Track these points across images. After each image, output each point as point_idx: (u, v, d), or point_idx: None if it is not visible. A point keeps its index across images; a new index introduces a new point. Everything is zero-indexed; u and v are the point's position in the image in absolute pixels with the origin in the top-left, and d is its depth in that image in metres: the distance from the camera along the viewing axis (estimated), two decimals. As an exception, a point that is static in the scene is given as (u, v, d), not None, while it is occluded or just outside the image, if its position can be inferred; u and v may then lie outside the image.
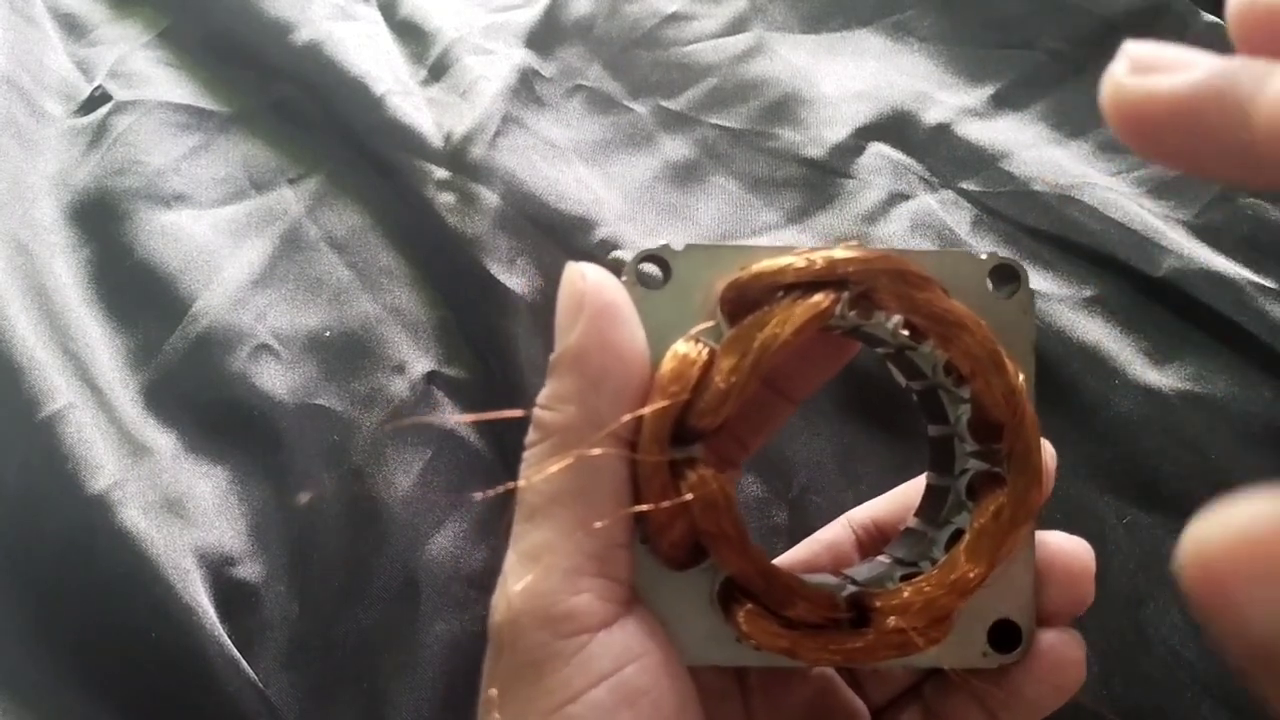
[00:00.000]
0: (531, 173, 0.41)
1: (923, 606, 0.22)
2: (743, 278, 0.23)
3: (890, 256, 0.23)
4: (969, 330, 0.22)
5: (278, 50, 0.44)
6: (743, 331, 0.22)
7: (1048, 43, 0.44)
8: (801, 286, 0.22)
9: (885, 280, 0.22)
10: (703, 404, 0.22)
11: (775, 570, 0.22)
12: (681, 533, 0.22)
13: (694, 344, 0.22)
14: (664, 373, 0.22)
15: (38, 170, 0.42)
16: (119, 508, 0.33)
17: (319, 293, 0.39)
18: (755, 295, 0.22)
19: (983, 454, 0.24)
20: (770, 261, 0.22)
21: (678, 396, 0.22)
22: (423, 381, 0.38)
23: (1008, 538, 0.23)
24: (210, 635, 0.32)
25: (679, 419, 0.22)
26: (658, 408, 0.21)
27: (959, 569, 0.22)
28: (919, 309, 0.22)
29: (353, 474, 0.36)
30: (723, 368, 0.22)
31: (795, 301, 0.22)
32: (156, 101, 0.43)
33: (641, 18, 0.46)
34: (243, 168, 0.42)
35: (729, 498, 0.22)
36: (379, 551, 0.35)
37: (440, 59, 0.44)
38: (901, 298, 0.22)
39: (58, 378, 0.35)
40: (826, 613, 0.22)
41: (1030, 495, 0.23)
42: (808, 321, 0.22)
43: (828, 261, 0.22)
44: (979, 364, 0.22)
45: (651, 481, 0.22)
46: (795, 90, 0.43)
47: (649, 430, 0.21)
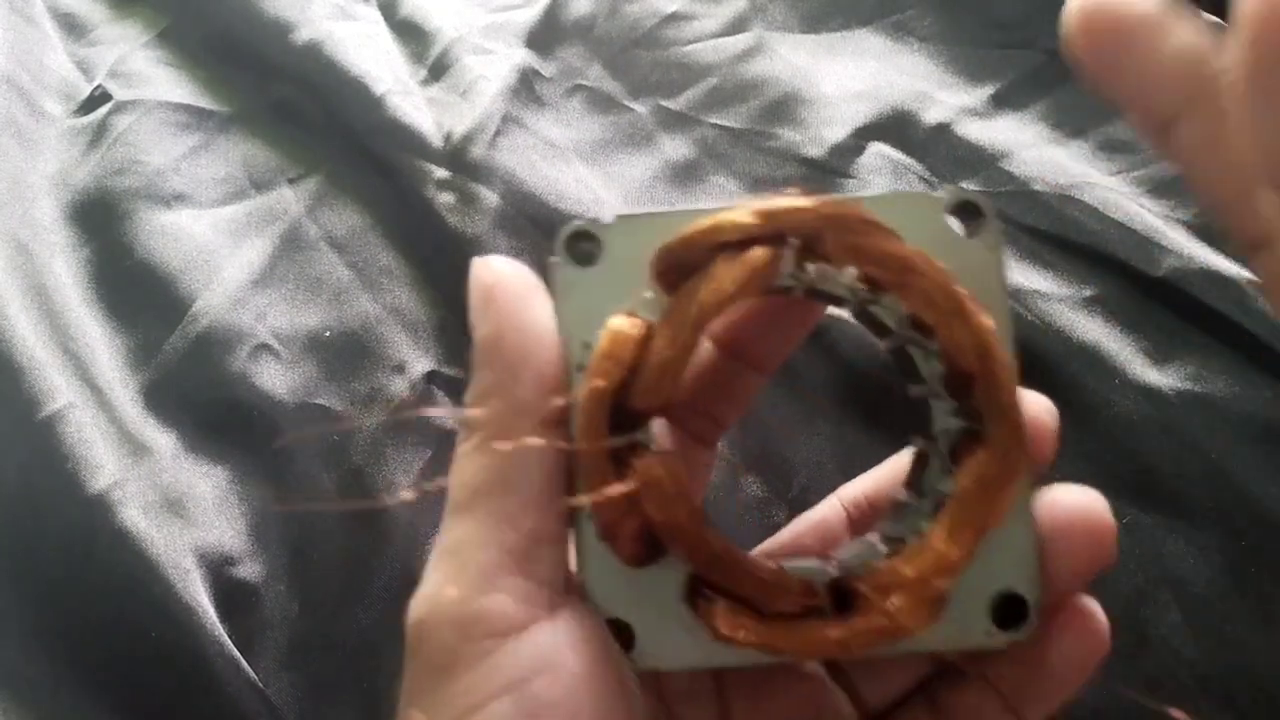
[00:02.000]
0: (531, 172, 0.41)
1: (907, 586, 0.20)
2: (673, 243, 0.21)
3: (831, 202, 0.21)
4: (923, 274, 0.20)
5: (278, 50, 0.44)
6: (680, 299, 0.20)
7: (1048, 43, 0.44)
8: (739, 245, 0.20)
9: (827, 229, 0.20)
10: (642, 382, 0.20)
11: (741, 558, 0.20)
12: (635, 526, 0.20)
13: (628, 319, 0.21)
14: (597, 352, 0.20)
15: (38, 170, 0.42)
16: (119, 507, 0.33)
17: (319, 292, 0.39)
18: (690, 260, 0.21)
19: (961, 411, 0.21)
20: (699, 222, 0.21)
21: (612, 376, 0.20)
22: (423, 381, 0.38)
23: (994, 501, 0.20)
24: (210, 635, 0.32)
25: (618, 402, 0.20)
26: (591, 389, 0.20)
27: (941, 543, 0.20)
28: (867, 257, 0.20)
29: (353, 474, 0.36)
30: (660, 340, 0.20)
31: (732, 259, 0.20)
32: (156, 101, 0.43)
33: (641, 17, 0.46)
34: (243, 167, 0.42)
35: (679, 482, 0.20)
36: (379, 551, 0.35)
37: (440, 59, 0.44)
38: (847, 247, 0.20)
39: (58, 377, 0.35)
40: (804, 601, 0.20)
41: (1013, 451, 0.20)
42: (746, 280, 0.20)
43: (763, 214, 0.20)
44: (939, 310, 0.20)
45: (592, 472, 0.20)
46: (795, 90, 0.43)
47: (584, 416, 0.20)
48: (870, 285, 0.21)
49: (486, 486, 0.20)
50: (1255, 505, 0.33)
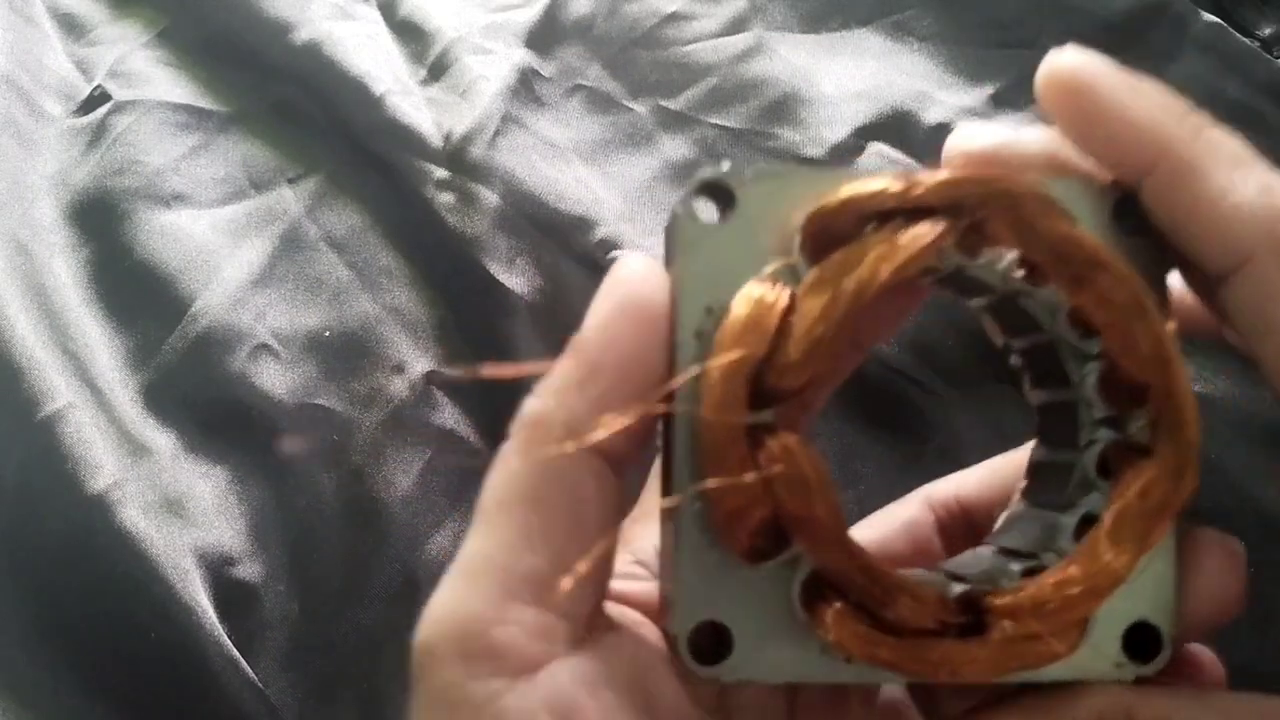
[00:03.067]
0: (531, 172, 0.41)
1: (1057, 607, 0.18)
2: (829, 204, 0.19)
3: (1009, 178, 0.19)
4: (1108, 270, 0.18)
5: (277, 50, 0.44)
6: (831, 270, 0.18)
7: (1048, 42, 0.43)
8: (900, 215, 0.18)
9: (1004, 206, 0.18)
10: (785, 357, 0.18)
11: (875, 563, 0.18)
12: (760, 517, 0.18)
13: (770, 285, 0.18)
14: (735, 319, 0.18)
15: (37, 170, 0.42)
16: (118, 507, 0.33)
17: (318, 292, 0.39)
18: (843, 228, 0.19)
19: (1116, 422, 0.20)
20: (862, 185, 0.18)
21: (754, 348, 0.18)
22: (422, 381, 0.38)
23: (1157, 521, 0.18)
24: (210, 635, 0.32)
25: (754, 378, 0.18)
26: (730, 359, 0.18)
27: (1100, 559, 0.18)
28: (1044, 243, 0.18)
29: (352, 474, 0.36)
30: (807, 313, 0.18)
31: (895, 233, 0.18)
32: (156, 101, 0.43)
33: (641, 17, 0.46)
34: (242, 167, 0.42)
35: (822, 473, 0.18)
36: (379, 551, 0.35)
37: (440, 59, 0.44)
38: (1022, 229, 0.18)
39: (57, 377, 0.35)
40: (937, 615, 0.18)
41: (1185, 470, 0.19)
42: (913, 257, 0.18)
43: (934, 183, 0.18)
44: (1119, 311, 0.18)
45: (724, 451, 0.18)
46: (795, 90, 0.43)
47: (720, 387, 0.18)
48: (1030, 275, 0.20)
49: (515, 498, 0.18)
50: (1255, 505, 0.33)
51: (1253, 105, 0.41)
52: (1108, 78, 0.19)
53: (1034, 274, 0.19)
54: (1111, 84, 0.19)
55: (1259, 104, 0.41)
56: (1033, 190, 0.19)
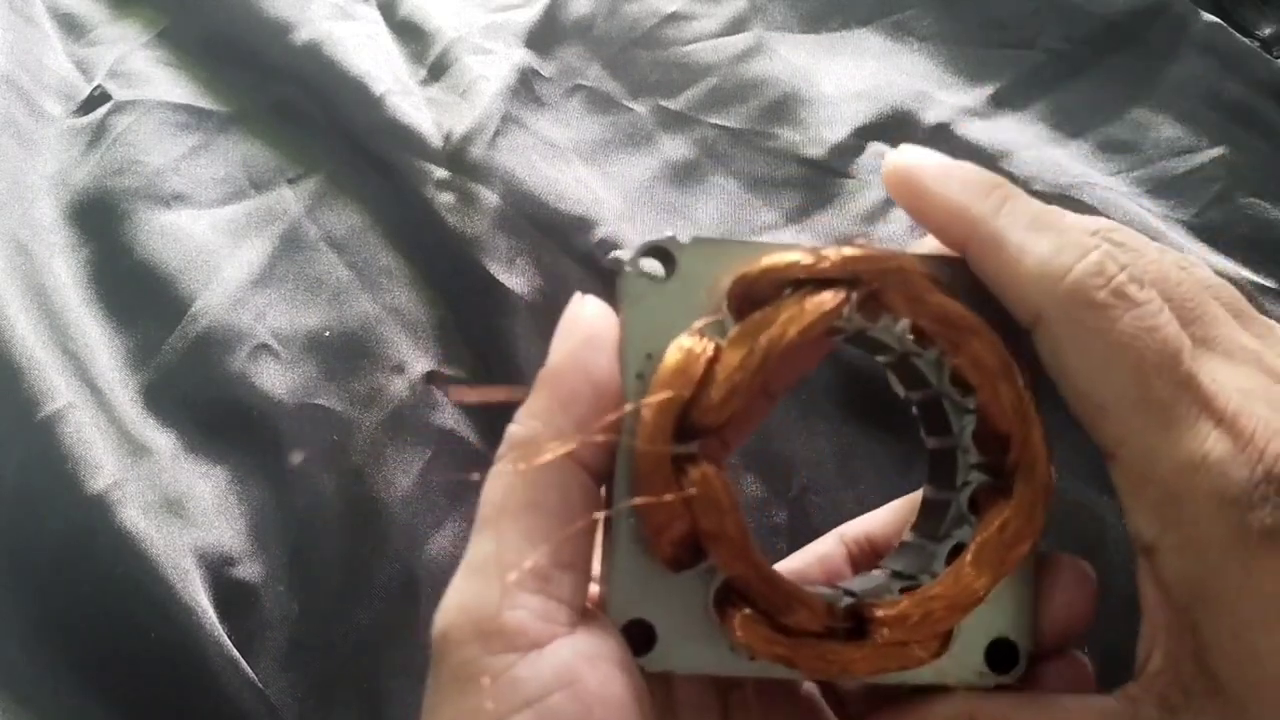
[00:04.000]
0: (531, 172, 0.41)
1: (923, 619, 0.22)
2: (751, 272, 0.22)
3: (901, 256, 0.22)
4: (979, 336, 0.22)
5: (277, 50, 0.44)
6: (749, 327, 0.22)
7: (1047, 42, 0.44)
8: (810, 283, 0.22)
9: (895, 281, 0.22)
10: (707, 400, 0.21)
11: (776, 575, 0.22)
12: (681, 531, 0.21)
13: (698, 338, 0.22)
14: (667, 365, 0.22)
15: (37, 170, 0.42)
16: (118, 508, 0.33)
17: (318, 292, 0.39)
18: (763, 291, 0.22)
19: (987, 466, 0.23)
20: (779, 257, 0.22)
21: (681, 390, 0.21)
22: (422, 381, 0.38)
23: (1012, 551, 0.22)
24: (210, 635, 0.32)
25: (681, 415, 0.21)
26: (661, 399, 0.21)
27: (962, 581, 0.22)
28: (928, 312, 0.22)
29: (352, 474, 0.36)
30: (728, 363, 0.21)
31: (804, 299, 0.22)
32: (156, 101, 0.43)
33: (641, 17, 0.46)
34: (242, 167, 0.42)
35: (732, 497, 0.21)
36: (379, 551, 0.35)
37: (440, 59, 0.44)
38: (911, 300, 0.22)
39: (57, 378, 0.35)
40: (825, 621, 0.22)
41: (1037, 509, 0.22)
42: (816, 320, 0.21)
43: (838, 259, 0.22)
44: (988, 372, 0.22)
45: (652, 475, 0.21)
46: (795, 90, 0.43)
47: (652, 422, 0.21)
48: (919, 339, 0.23)
49: (514, 505, 0.21)
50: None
51: (1253, 105, 0.41)
52: (927, 168, 0.23)
53: (922, 338, 0.23)
54: (930, 173, 0.23)
55: (1259, 104, 0.42)
56: (920, 268, 0.22)
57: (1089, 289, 0.21)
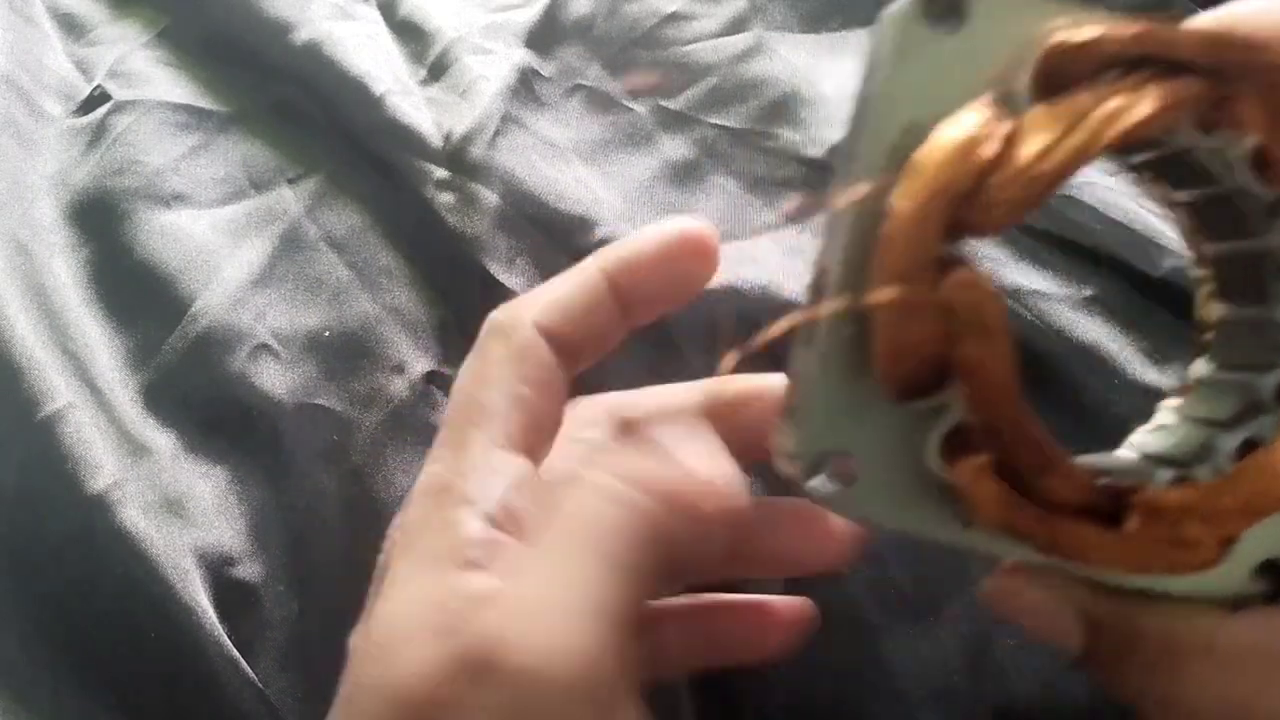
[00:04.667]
0: (531, 172, 0.41)
1: (1206, 517, 0.17)
2: (1076, 40, 0.17)
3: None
4: None
5: (277, 50, 0.44)
6: (1063, 112, 0.16)
7: (1048, 42, 0.44)
8: (1149, 67, 0.16)
9: (1270, 82, 0.16)
10: (995, 193, 0.16)
11: (1036, 428, 0.17)
12: (929, 350, 0.17)
13: (992, 113, 0.16)
14: (947, 142, 0.16)
15: (36, 170, 0.42)
16: (118, 508, 0.33)
17: (318, 292, 0.39)
18: (1082, 69, 0.17)
19: None
20: (1125, 27, 0.16)
21: (958, 178, 0.16)
22: (422, 381, 0.37)
23: None
24: (210, 635, 0.32)
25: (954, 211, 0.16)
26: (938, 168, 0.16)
27: (1262, 479, 0.17)
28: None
29: (352, 474, 0.35)
30: (1034, 145, 0.16)
31: (1142, 85, 0.16)
32: (156, 101, 0.43)
33: (641, 17, 0.46)
34: (242, 167, 0.42)
35: (1004, 318, 0.16)
36: (379, 551, 0.35)
37: (440, 59, 0.44)
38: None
39: (57, 378, 0.35)
40: (1085, 497, 0.17)
41: None
42: (1169, 106, 0.16)
43: (1199, 39, 0.16)
44: None
45: (910, 266, 0.16)
46: (795, 90, 0.43)
47: (919, 199, 0.16)
48: (1263, 172, 0.18)
49: None
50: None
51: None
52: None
53: (1268, 172, 0.18)
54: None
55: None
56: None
57: None
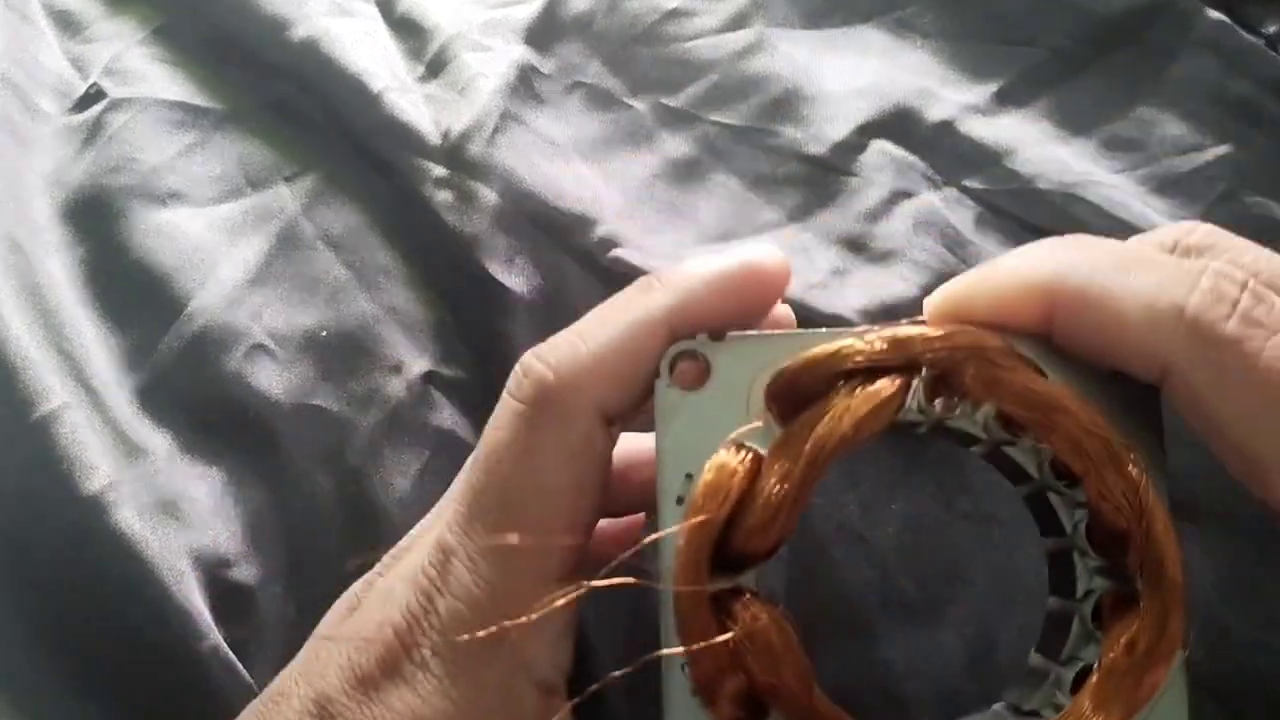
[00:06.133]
0: (530, 170, 0.40)
1: None
2: (791, 366, 0.19)
3: (970, 331, 0.19)
4: (1071, 414, 0.18)
5: (274, 47, 0.43)
6: (795, 430, 0.19)
7: (1051, 40, 0.44)
8: (863, 374, 0.19)
9: (967, 360, 0.19)
10: (750, 521, 0.18)
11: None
12: (737, 685, 0.18)
13: (734, 451, 0.19)
14: (699, 486, 0.19)
15: (32, 168, 0.42)
16: (114, 509, 0.33)
17: (315, 292, 0.39)
18: (809, 387, 0.19)
19: (1108, 570, 0.20)
20: (823, 346, 0.19)
21: (717, 514, 0.18)
22: (420, 382, 0.37)
23: (1145, 677, 0.18)
24: (205, 637, 0.32)
25: (720, 543, 0.19)
26: (695, 524, 0.18)
27: (1093, 713, 0.18)
28: (1009, 394, 0.18)
29: (350, 475, 0.35)
30: (772, 476, 0.18)
31: (854, 390, 0.18)
32: (151, 99, 0.43)
33: (641, 14, 0.45)
34: (238, 165, 0.42)
35: (787, 638, 0.18)
36: (377, 553, 0.35)
37: (438, 55, 0.44)
38: (988, 381, 0.18)
39: (52, 378, 0.35)
40: None
41: (1170, 619, 0.18)
42: (871, 413, 0.18)
43: (894, 341, 0.19)
44: (1089, 459, 0.18)
45: (691, 620, 0.18)
46: (797, 87, 0.43)
47: (686, 554, 0.18)
48: (1008, 425, 0.20)
49: None
50: (1259, 506, 0.33)
51: (1258, 103, 0.41)
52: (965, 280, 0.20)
53: (1011, 424, 0.19)
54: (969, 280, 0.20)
55: (1264, 102, 0.41)
56: (994, 343, 0.19)
57: (1214, 323, 0.17)
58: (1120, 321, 0.18)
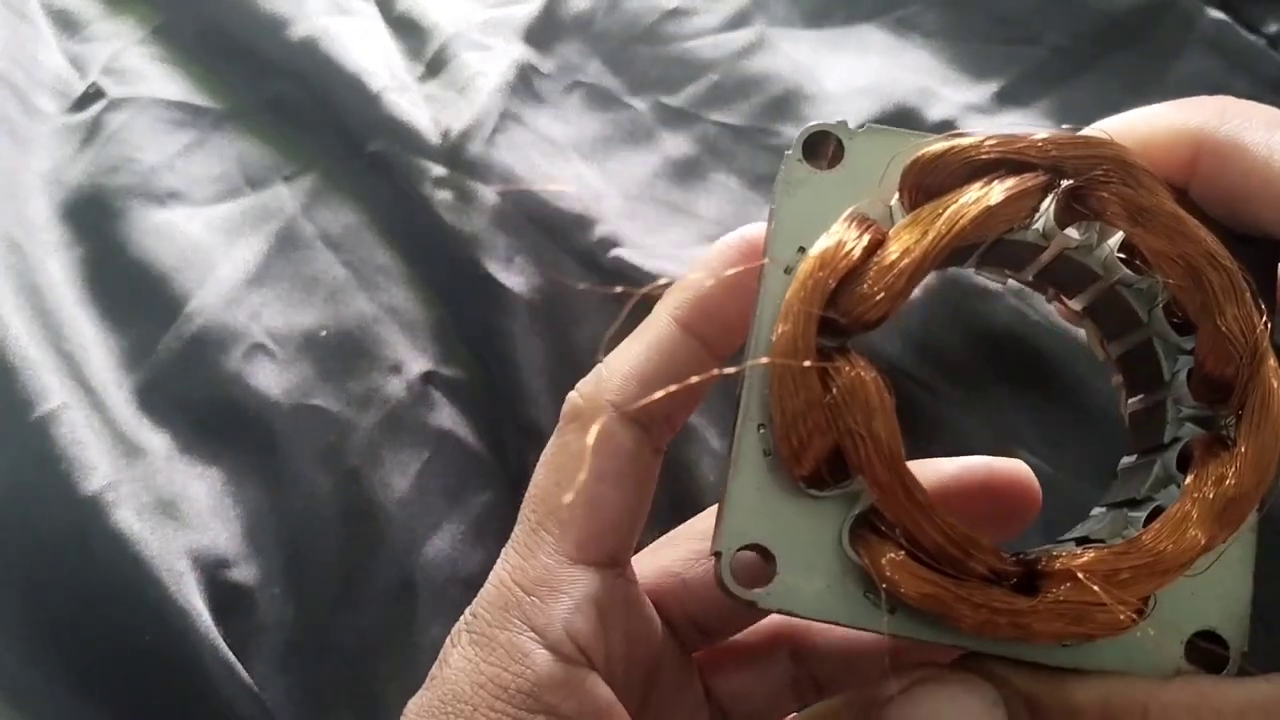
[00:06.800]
0: (530, 170, 0.40)
1: (1111, 574, 0.17)
2: (931, 151, 0.19)
3: (1116, 145, 0.18)
4: (1204, 245, 0.18)
5: (273, 46, 0.43)
6: (925, 211, 0.18)
7: (1052, 39, 0.44)
8: (1005, 169, 0.18)
9: (1114, 175, 0.18)
10: (864, 286, 0.18)
11: (930, 499, 0.18)
12: (824, 445, 0.18)
13: (855, 226, 0.19)
14: (813, 253, 0.18)
15: (31, 168, 0.42)
16: (113, 509, 0.33)
17: (314, 292, 0.38)
18: (944, 179, 0.19)
19: (1203, 419, 0.19)
20: (969, 138, 0.19)
21: (829, 277, 0.18)
22: (419, 381, 0.37)
23: (1234, 507, 0.18)
24: (204, 638, 0.31)
25: (829, 308, 0.18)
26: (804, 279, 0.18)
27: (1169, 537, 0.17)
28: (1144, 213, 0.18)
29: (349, 475, 0.35)
30: (897, 246, 0.18)
31: (992, 181, 0.18)
32: (150, 98, 0.43)
33: (641, 13, 0.45)
34: (237, 165, 0.42)
35: (886, 399, 0.18)
36: (375, 554, 0.34)
37: (438, 55, 0.44)
38: (1125, 199, 0.18)
39: (51, 378, 0.35)
40: (992, 564, 0.18)
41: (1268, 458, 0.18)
42: (1005, 202, 0.18)
43: (1041, 141, 0.18)
44: (1214, 292, 0.18)
45: (793, 371, 0.18)
46: (797, 86, 0.43)
47: (792, 307, 0.18)
48: (1130, 262, 0.19)
49: None
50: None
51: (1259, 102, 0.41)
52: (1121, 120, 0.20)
53: (1135, 260, 0.19)
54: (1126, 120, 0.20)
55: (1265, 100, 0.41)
56: (1138, 162, 0.18)
57: None
58: (1265, 176, 0.18)
